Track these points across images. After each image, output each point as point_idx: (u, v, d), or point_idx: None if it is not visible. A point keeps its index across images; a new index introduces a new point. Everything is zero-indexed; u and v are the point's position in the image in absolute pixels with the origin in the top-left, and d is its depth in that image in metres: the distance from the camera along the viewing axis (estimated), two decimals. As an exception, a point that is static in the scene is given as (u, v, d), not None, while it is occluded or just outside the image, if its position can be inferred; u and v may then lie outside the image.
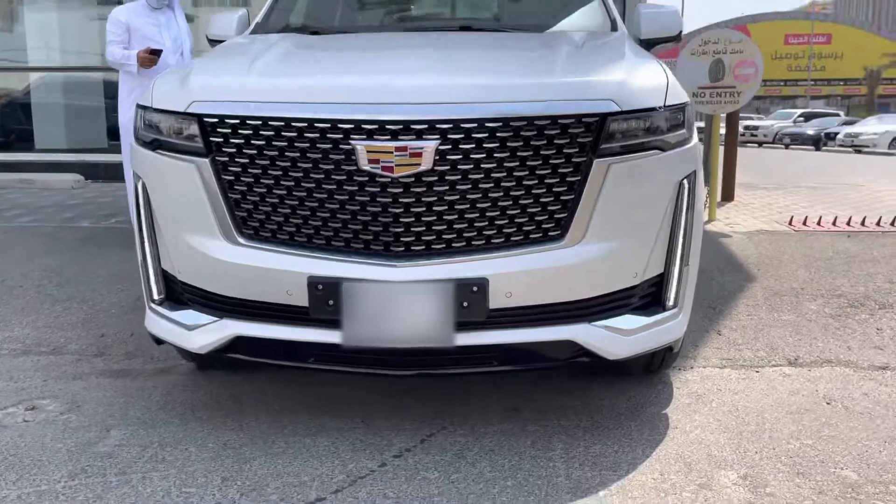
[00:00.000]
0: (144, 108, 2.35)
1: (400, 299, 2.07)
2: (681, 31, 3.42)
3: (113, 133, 9.78)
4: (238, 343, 2.27)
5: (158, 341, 2.47)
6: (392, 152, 2.02)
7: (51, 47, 10.21)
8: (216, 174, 2.16)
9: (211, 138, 2.15)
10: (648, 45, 3.41)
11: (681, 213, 2.28)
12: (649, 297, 2.32)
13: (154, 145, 2.29)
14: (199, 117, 2.16)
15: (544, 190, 2.10)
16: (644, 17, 3.36)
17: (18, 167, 8.58)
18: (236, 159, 2.14)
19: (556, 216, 2.12)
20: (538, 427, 2.40)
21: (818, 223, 5.57)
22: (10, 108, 10.77)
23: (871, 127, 25.91)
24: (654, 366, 2.76)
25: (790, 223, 5.59)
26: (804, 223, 5.56)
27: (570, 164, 2.09)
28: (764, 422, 2.45)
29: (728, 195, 6.95)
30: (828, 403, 2.61)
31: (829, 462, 2.16)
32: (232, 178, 2.15)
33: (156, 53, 4.68)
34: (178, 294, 2.40)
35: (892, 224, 5.53)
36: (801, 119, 32.21)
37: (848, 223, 5.53)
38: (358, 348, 2.14)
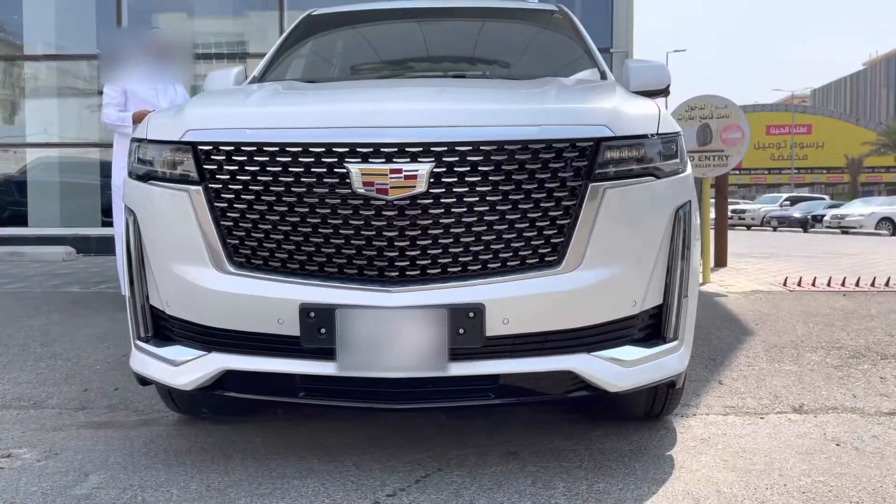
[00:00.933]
0: (139, 140, 2.34)
1: (394, 325, 2.02)
2: (668, 85, 3.50)
3: (106, 210, 9.86)
4: (226, 378, 2.19)
5: (144, 381, 2.38)
6: (387, 175, 2.00)
7: (49, 132, 10.37)
8: (208, 202, 2.13)
9: (205, 166, 2.14)
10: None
11: (678, 243, 2.26)
12: (649, 329, 2.27)
13: (147, 177, 2.27)
14: (193, 145, 2.15)
15: (540, 214, 2.08)
16: (633, 70, 3.44)
17: (8, 241, 8.55)
18: (230, 186, 2.12)
19: (552, 241, 2.10)
20: (538, 468, 2.29)
21: (812, 284, 5.56)
22: (5, 186, 10.84)
23: (857, 209, 26.36)
24: (657, 409, 2.67)
25: (785, 284, 5.57)
26: (798, 284, 5.55)
27: (566, 189, 2.08)
28: (773, 461, 2.35)
29: (721, 261, 6.95)
30: (837, 445, 2.52)
31: (843, 497, 2.06)
32: (225, 204, 2.13)
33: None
34: (166, 330, 2.33)
35: (886, 285, 5.53)
36: (788, 203, 32.80)
37: (843, 284, 5.51)
38: (351, 378, 2.06)
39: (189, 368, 2.20)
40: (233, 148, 2.11)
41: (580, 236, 2.09)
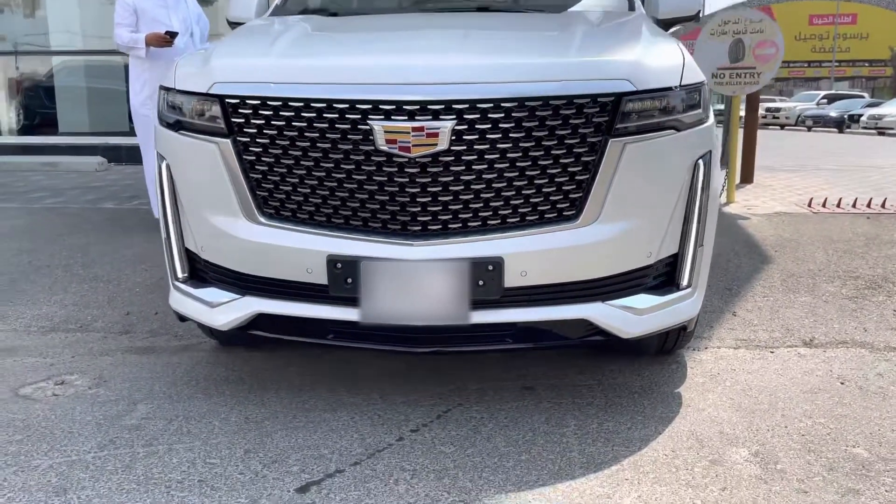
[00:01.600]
0: (167, 89, 2.39)
1: (417, 277, 2.11)
2: (699, 11, 3.42)
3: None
4: (259, 320, 2.32)
5: (182, 318, 2.54)
6: (409, 133, 2.05)
7: (72, 31, 10.31)
8: (237, 154, 2.20)
9: (232, 119, 2.19)
10: (666, 24, 3.41)
11: (696, 194, 2.30)
12: (664, 277, 2.35)
13: (177, 126, 2.34)
14: (220, 98, 2.20)
15: (559, 170, 2.12)
16: None
17: (42, 150, 8.70)
18: (257, 140, 2.18)
19: (571, 196, 2.15)
20: (552, 404, 2.44)
21: (837, 205, 5.54)
22: (34, 91, 10.91)
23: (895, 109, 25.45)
24: (668, 346, 2.78)
25: (809, 205, 5.55)
26: (823, 205, 5.53)
27: (586, 144, 2.12)
28: (777, 401, 2.47)
29: (747, 177, 6.90)
30: (842, 383, 2.63)
31: (840, 440, 2.18)
32: (253, 158, 2.20)
33: (171, 35, 4.68)
34: (200, 272, 2.46)
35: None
36: (825, 101, 31.72)
37: (868, 205, 5.48)
38: (374, 325, 2.19)
39: (225, 310, 2.34)
40: (259, 102, 2.15)
41: (599, 191, 2.14)
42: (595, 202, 2.15)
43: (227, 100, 2.19)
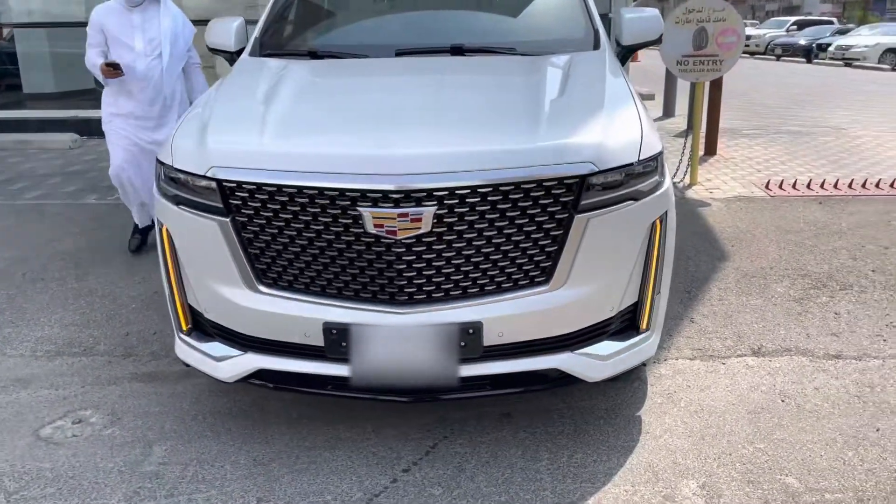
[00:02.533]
0: (165, 164, 2.56)
1: (406, 342, 2.37)
2: (661, 34, 3.59)
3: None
4: (261, 373, 2.57)
5: (187, 365, 2.77)
6: (395, 218, 2.27)
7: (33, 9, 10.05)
8: (236, 232, 2.41)
9: (230, 200, 2.39)
10: (631, 49, 3.60)
11: (653, 250, 2.56)
12: (626, 323, 2.63)
13: (176, 200, 2.52)
14: (218, 182, 2.38)
15: (530, 244, 2.37)
16: (626, 22, 3.53)
17: (13, 126, 8.64)
18: (254, 220, 2.38)
19: (541, 265, 2.40)
20: (527, 434, 2.74)
21: (794, 186, 5.83)
22: (-5, 55, 10.69)
23: (863, 39, 25.63)
24: (624, 375, 3.06)
25: (767, 186, 5.85)
26: (780, 186, 5.82)
27: (554, 221, 2.36)
28: (724, 423, 2.80)
29: (711, 149, 7.16)
30: (783, 401, 2.96)
31: (776, 469, 2.52)
32: (251, 235, 2.41)
33: (114, 66, 4.30)
34: (203, 327, 2.69)
35: (863, 186, 5.81)
36: (794, 27, 31.80)
37: (822, 185, 5.79)
38: (366, 386, 2.45)
39: (229, 364, 2.59)
40: (255, 187, 2.35)
41: (566, 260, 2.39)
42: (563, 270, 2.40)
43: (224, 183, 2.38)
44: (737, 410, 2.90)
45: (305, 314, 2.43)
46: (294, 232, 2.37)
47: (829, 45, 26.71)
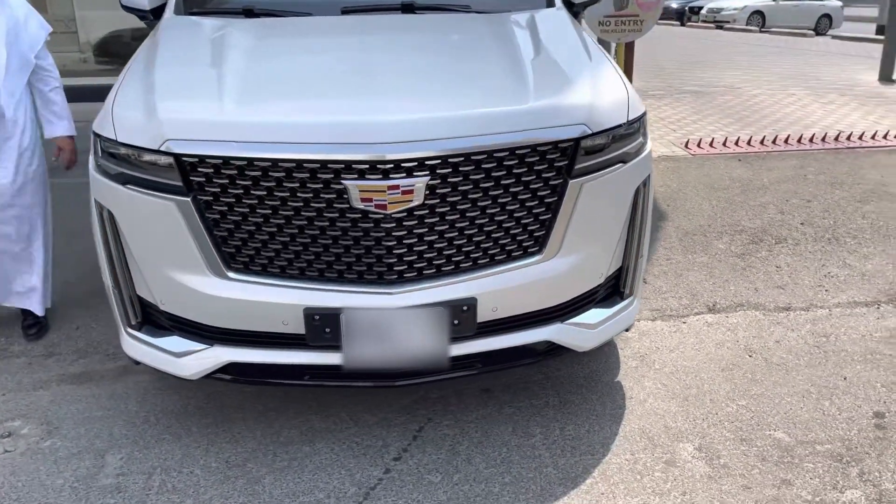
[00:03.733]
0: (105, 139, 2.23)
1: (397, 324, 2.19)
2: (608, -7, 3.51)
3: None
4: (230, 367, 2.33)
5: (137, 363, 2.48)
6: (385, 191, 2.07)
7: None
8: (199, 212, 2.14)
9: (191, 177, 2.11)
10: (584, 5, 3.49)
11: (638, 214, 2.49)
12: (610, 290, 2.56)
13: (122, 179, 2.21)
14: (176, 157, 2.10)
15: (525, 212, 2.23)
16: None
17: None
18: (221, 198, 2.12)
19: (535, 234, 2.28)
20: (513, 409, 2.65)
21: (711, 144, 6.00)
22: None
23: (732, 1, 26.94)
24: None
25: (687, 146, 5.98)
26: (699, 145, 5.97)
27: (548, 187, 2.23)
28: (702, 383, 2.81)
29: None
30: (750, 356, 3.01)
31: (763, 424, 2.54)
32: (217, 216, 2.14)
33: None
34: (156, 319, 2.40)
35: (774, 142, 6.06)
36: (667, -10, 33.01)
37: (737, 143, 5.99)
38: (358, 370, 2.26)
39: (192, 360, 2.32)
40: (221, 161, 2.08)
41: (559, 228, 2.28)
42: (556, 238, 2.29)
43: (183, 158, 2.10)
44: (710, 369, 2.92)
45: (283, 300, 2.20)
46: (268, 210, 2.12)
47: (700, 7, 27.92)
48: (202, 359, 2.31)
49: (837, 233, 4.30)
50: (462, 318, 2.23)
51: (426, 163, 2.08)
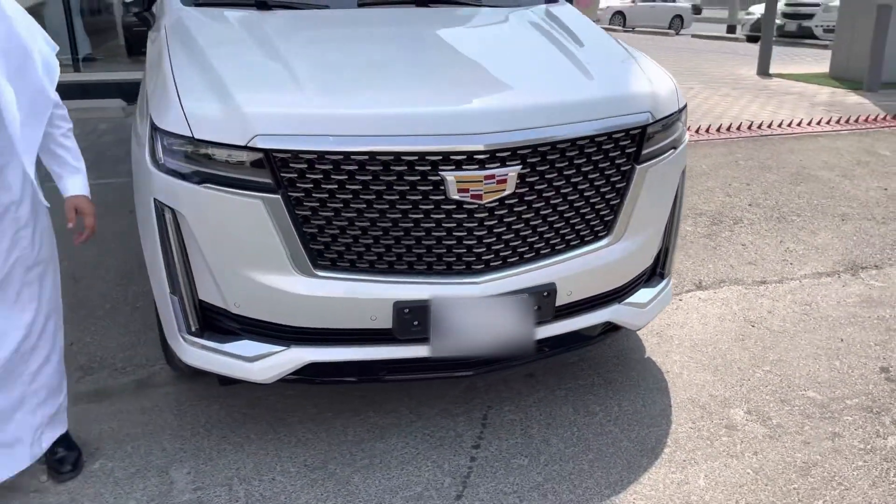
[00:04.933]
0: (174, 135, 2.10)
1: (486, 312, 2.22)
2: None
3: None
4: (307, 368, 2.27)
5: (196, 372, 2.36)
6: (481, 181, 2.10)
7: None
8: (288, 209, 2.07)
9: (282, 173, 2.04)
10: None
11: (678, 198, 2.64)
12: (653, 269, 2.71)
13: (197, 178, 2.09)
14: (266, 153, 2.02)
15: (598, 197, 2.33)
16: None
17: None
18: (313, 193, 2.06)
19: (605, 219, 2.38)
20: (565, 391, 2.74)
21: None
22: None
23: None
24: None
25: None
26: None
27: (619, 172, 2.34)
28: (724, 353, 3.01)
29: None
30: (753, 326, 3.26)
31: (793, 386, 2.78)
32: (308, 212, 2.08)
33: None
34: (219, 324, 2.30)
35: (697, 132, 6.50)
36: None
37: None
38: (445, 359, 2.27)
39: (268, 363, 2.24)
40: (316, 156, 2.03)
41: (626, 212, 2.39)
42: (622, 222, 2.40)
43: (275, 154, 2.02)
44: (724, 340, 3.13)
45: (373, 295, 2.17)
46: (362, 204, 2.09)
47: (569, 7, 29.16)
48: (279, 361, 2.24)
49: (782, 212, 4.70)
50: (543, 303, 2.29)
51: (518, 152, 2.13)
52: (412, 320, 2.19)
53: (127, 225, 4.32)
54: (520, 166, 2.13)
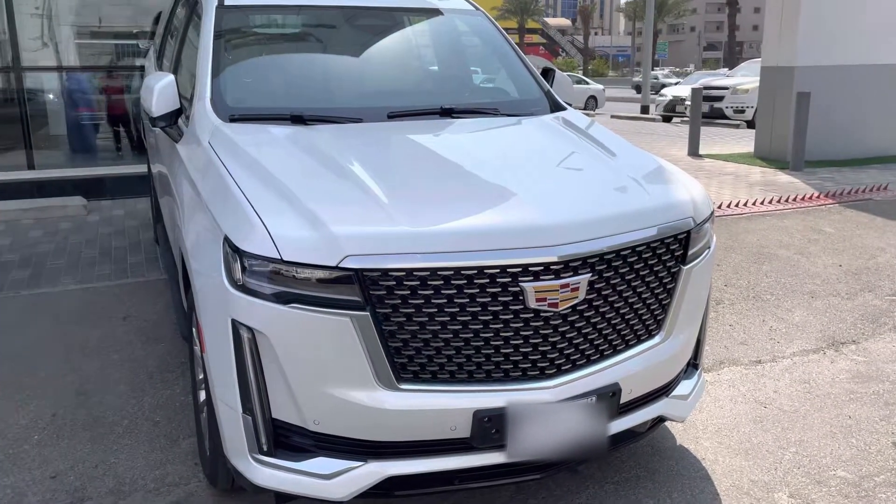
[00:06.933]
0: (260, 257, 2.13)
1: (561, 415, 2.29)
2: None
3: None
4: (384, 481, 2.27)
5: (259, 491, 2.32)
6: (557, 290, 2.20)
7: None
8: (376, 325, 2.11)
9: (371, 291, 2.09)
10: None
11: (709, 292, 2.82)
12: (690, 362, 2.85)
13: (283, 299, 2.12)
14: (356, 272, 2.08)
15: (653, 298, 2.47)
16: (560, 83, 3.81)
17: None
18: (400, 309, 2.12)
19: (657, 318, 2.51)
20: (613, 485, 2.80)
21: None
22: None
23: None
24: None
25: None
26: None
27: (669, 274, 2.50)
28: (747, 437, 3.16)
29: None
30: (765, 407, 3.43)
31: (823, 466, 2.93)
32: (394, 327, 2.13)
33: None
34: (292, 442, 2.28)
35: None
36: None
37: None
38: (517, 463, 2.31)
39: (346, 479, 2.23)
40: (404, 273, 2.09)
41: (674, 311, 2.54)
42: (671, 320, 2.55)
43: (365, 273, 2.08)
44: (744, 423, 3.28)
45: (454, 405, 2.21)
46: (446, 316, 2.15)
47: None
48: (358, 476, 2.23)
49: (756, 291, 4.99)
50: (610, 403, 2.38)
51: (587, 261, 2.25)
52: (491, 428, 2.23)
53: (123, 332, 4.20)
54: (590, 274, 2.26)
